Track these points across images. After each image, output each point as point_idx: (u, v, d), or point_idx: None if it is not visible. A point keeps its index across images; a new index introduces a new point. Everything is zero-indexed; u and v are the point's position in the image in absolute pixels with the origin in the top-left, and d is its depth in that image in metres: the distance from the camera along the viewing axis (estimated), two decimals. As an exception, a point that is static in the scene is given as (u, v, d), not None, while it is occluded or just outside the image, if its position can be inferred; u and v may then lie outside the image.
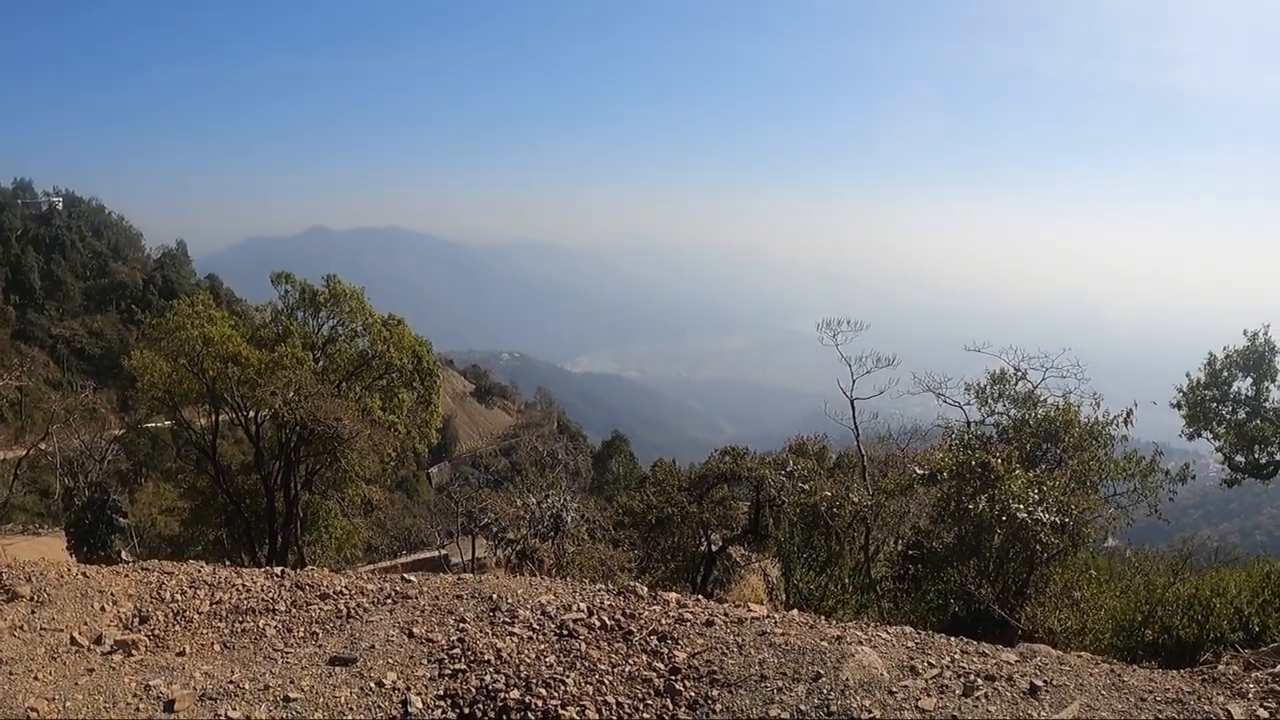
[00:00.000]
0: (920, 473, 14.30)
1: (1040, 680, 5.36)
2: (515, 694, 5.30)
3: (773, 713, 5.02)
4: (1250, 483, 17.70)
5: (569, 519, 20.89)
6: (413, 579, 7.60)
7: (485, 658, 5.78)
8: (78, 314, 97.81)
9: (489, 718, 5.15)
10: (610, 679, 5.53)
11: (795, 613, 7.08)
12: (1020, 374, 15.77)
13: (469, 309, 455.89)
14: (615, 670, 5.64)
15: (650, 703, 5.27)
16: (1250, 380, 16.51)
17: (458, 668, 5.68)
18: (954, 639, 6.38)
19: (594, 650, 5.92)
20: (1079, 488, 13.10)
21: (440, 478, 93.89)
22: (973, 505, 12.23)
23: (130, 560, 16.33)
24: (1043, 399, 15.35)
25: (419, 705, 5.25)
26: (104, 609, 6.87)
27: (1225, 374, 16.69)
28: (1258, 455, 16.79)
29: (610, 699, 5.29)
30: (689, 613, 6.62)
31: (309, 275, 27.75)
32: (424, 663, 5.81)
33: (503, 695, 5.30)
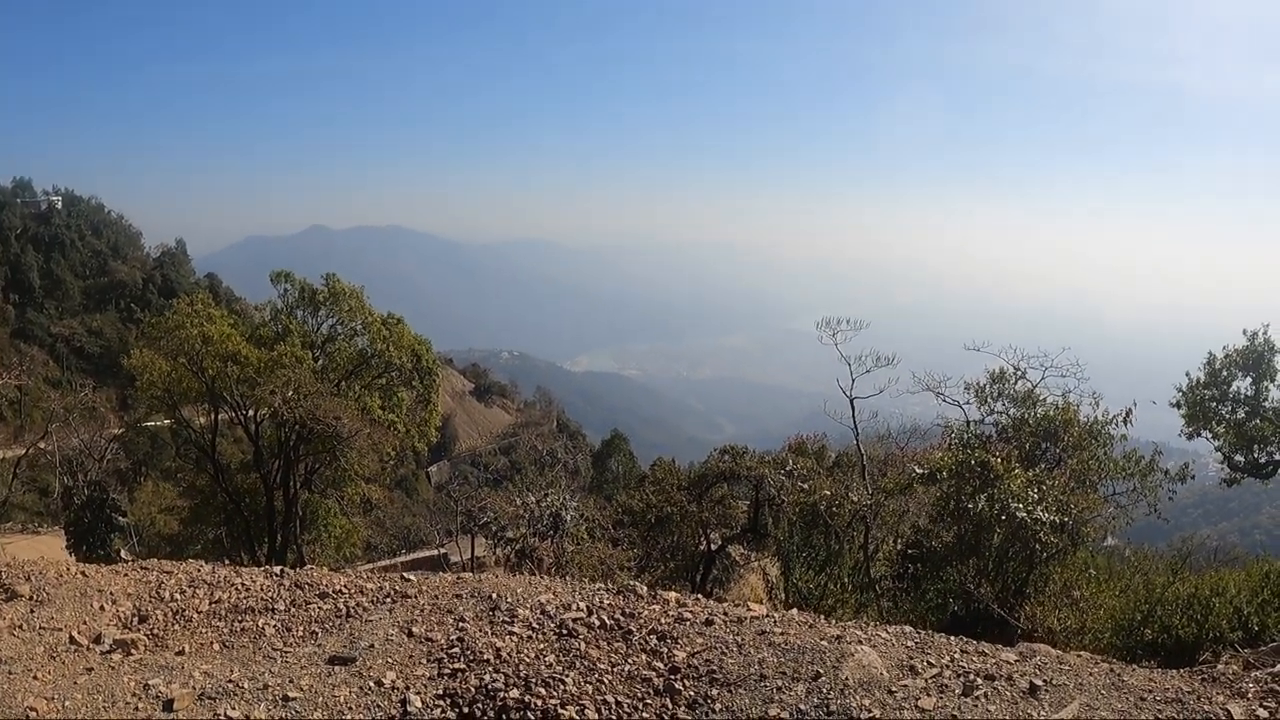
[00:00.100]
0: (920, 472, 14.28)
1: (1040, 680, 5.36)
2: (514, 693, 5.30)
3: (772, 712, 5.02)
4: (1250, 482, 17.71)
5: (568, 518, 20.88)
6: (412, 578, 7.59)
7: (484, 657, 5.78)
8: (77, 313, 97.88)
9: (488, 717, 5.15)
10: (610, 678, 5.52)
11: (795, 612, 7.07)
12: (1020, 373, 15.76)
13: (469, 308, 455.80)
14: (614, 669, 5.64)
15: (650, 702, 5.26)
16: (1250, 380, 16.52)
17: (457, 667, 5.67)
18: (953, 638, 6.38)
19: (593, 649, 5.92)
20: (1078, 487, 13.10)
21: (439, 476, 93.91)
22: (972, 504, 12.23)
23: (129, 559, 16.36)
24: (1042, 398, 15.34)
25: (418, 704, 5.24)
26: (103, 608, 6.87)
27: (1225, 373, 16.70)
28: (1257, 455, 16.80)
29: (610, 698, 5.28)
30: (688, 612, 6.61)
31: (308, 274, 27.78)
32: (423, 662, 5.80)
33: (502, 694, 5.29)
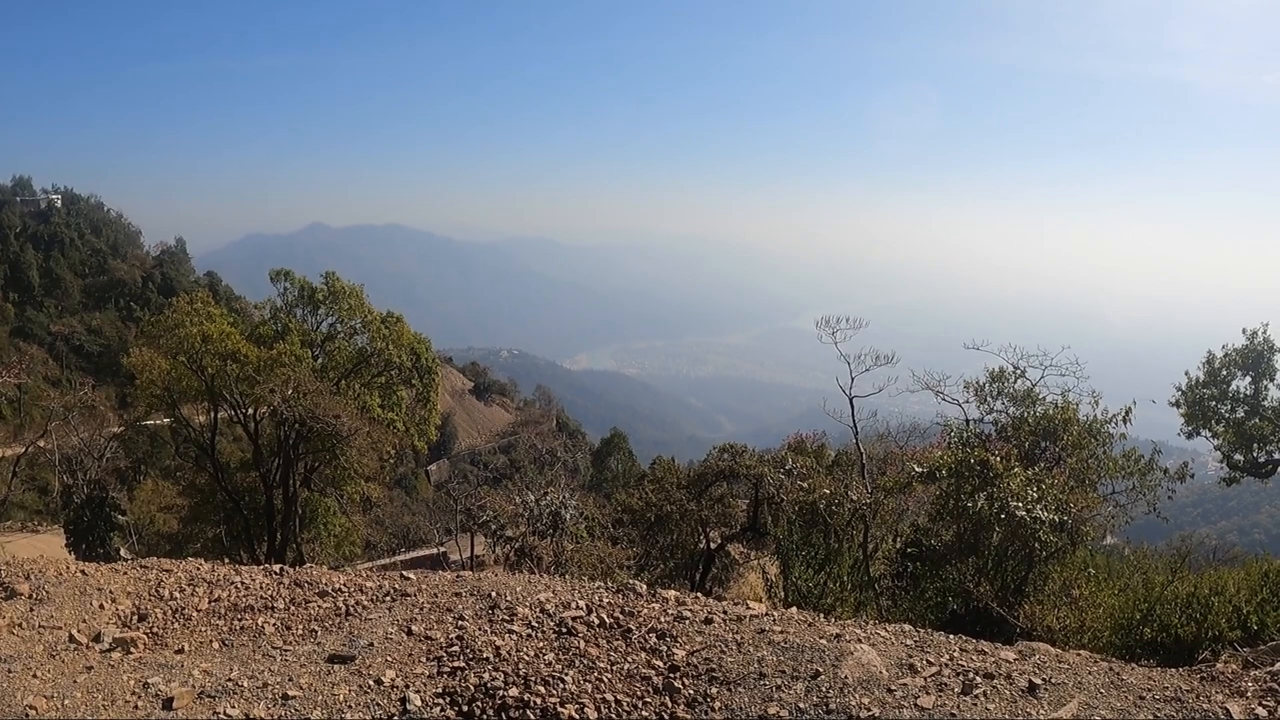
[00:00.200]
0: (919, 470, 14.28)
1: (1039, 678, 5.36)
2: (514, 691, 5.30)
3: (771, 710, 5.02)
4: (1249, 481, 17.75)
5: (568, 516, 20.90)
6: (411, 576, 7.59)
7: (484, 655, 5.78)
8: (76, 311, 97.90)
9: (488, 715, 5.15)
10: (609, 677, 5.53)
11: (794, 610, 7.07)
12: (1019, 372, 15.77)
13: (468, 306, 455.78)
14: (614, 668, 5.64)
15: (649, 700, 5.26)
16: (1249, 379, 16.55)
17: (456, 665, 5.67)
18: (953, 637, 6.38)
19: (593, 648, 5.92)
20: (1078, 486, 13.11)
21: (439, 475, 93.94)
22: (971, 503, 12.23)
23: (129, 558, 16.35)
24: (1041, 397, 15.35)
25: (418, 703, 5.24)
26: (102, 607, 6.86)
27: (1224, 373, 16.72)
28: (1256, 454, 16.83)
29: (609, 696, 5.28)
30: (688, 610, 6.61)
31: (308, 272, 27.87)
32: (423, 660, 5.80)
33: (501, 693, 5.29)
